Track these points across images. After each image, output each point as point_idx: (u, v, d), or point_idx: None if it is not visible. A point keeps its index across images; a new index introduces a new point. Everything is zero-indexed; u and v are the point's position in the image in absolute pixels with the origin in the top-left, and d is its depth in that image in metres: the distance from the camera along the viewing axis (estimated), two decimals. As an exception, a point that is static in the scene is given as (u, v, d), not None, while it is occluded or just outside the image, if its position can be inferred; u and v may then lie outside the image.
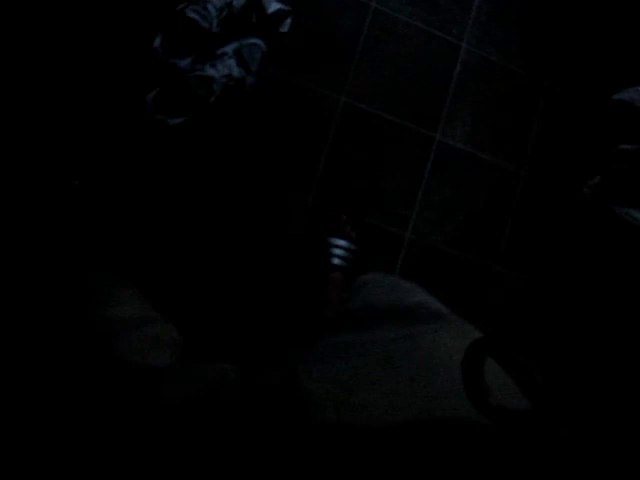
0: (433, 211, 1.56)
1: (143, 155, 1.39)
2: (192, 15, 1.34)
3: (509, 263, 1.60)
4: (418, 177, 1.57)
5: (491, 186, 1.60)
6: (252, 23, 1.48)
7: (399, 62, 1.57)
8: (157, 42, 1.37)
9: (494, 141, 1.62)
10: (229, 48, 1.42)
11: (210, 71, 1.37)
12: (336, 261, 1.45)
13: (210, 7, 1.37)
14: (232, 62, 1.41)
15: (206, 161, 1.44)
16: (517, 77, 1.64)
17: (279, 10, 1.48)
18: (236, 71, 1.40)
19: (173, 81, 1.36)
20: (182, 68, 1.37)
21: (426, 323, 0.68)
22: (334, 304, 1.36)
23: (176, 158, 1.41)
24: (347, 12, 1.54)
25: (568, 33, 1.68)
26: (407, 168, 1.57)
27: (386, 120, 1.54)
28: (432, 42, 1.59)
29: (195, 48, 1.39)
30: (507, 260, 1.59)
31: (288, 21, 1.50)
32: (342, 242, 1.46)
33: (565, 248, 1.63)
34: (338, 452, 0.46)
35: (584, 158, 1.68)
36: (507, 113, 1.63)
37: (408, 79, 1.57)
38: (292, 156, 1.49)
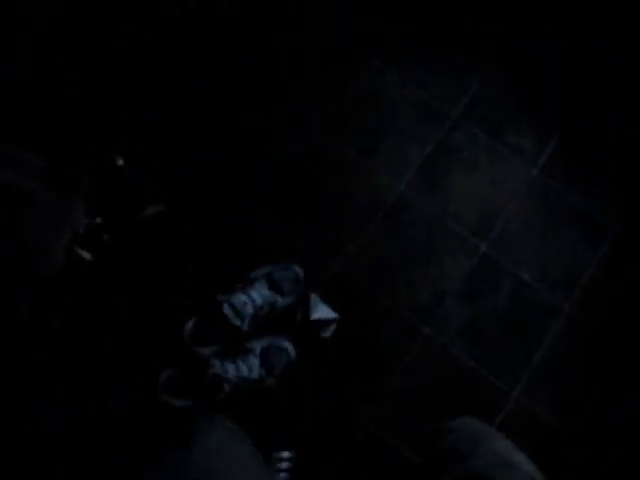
0: None
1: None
2: (226, 311, 1.32)
3: None
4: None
5: None
6: (295, 322, 1.43)
7: (435, 396, 1.42)
8: (190, 325, 1.36)
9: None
10: (258, 345, 1.38)
11: (229, 368, 1.32)
12: None
13: (249, 305, 1.34)
14: (256, 362, 1.36)
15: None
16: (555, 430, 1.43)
17: (326, 318, 1.42)
18: (256, 372, 1.35)
19: (190, 368, 1.32)
20: (202, 357, 1.34)
21: None
22: None
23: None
24: (396, 333, 1.45)
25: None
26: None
27: (402, 457, 1.39)
28: (480, 384, 1.44)
29: (222, 341, 1.35)
30: None
31: (332, 327, 1.44)
32: None
33: None
34: None
35: None
36: None
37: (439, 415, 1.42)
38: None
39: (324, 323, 1.43)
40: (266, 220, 1.48)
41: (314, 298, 1.45)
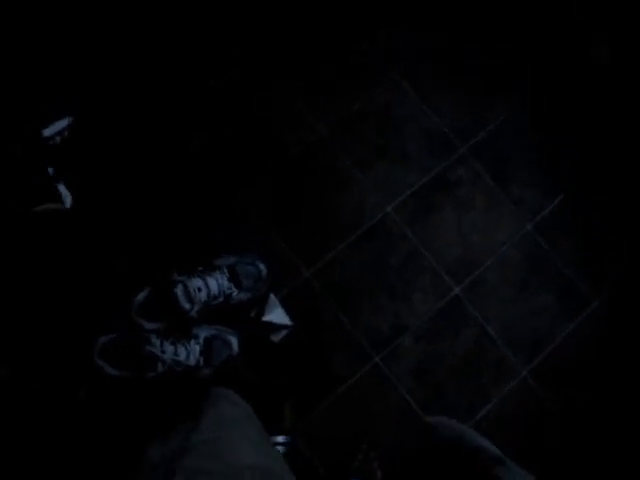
0: None
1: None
2: (178, 292, 1.29)
3: None
4: None
5: None
6: (247, 319, 1.40)
7: (365, 425, 1.38)
8: (141, 296, 1.33)
9: None
10: (203, 333, 1.35)
11: (168, 348, 1.30)
12: None
13: (203, 292, 1.31)
14: (197, 349, 1.33)
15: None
16: None
17: (278, 322, 1.39)
18: (194, 360, 1.32)
19: (130, 338, 1.30)
20: (144, 331, 1.31)
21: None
22: None
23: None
24: (346, 355, 1.41)
25: None
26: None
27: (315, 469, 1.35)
28: (417, 426, 1.39)
29: (168, 320, 1.33)
30: None
31: (283, 333, 1.41)
32: None
33: None
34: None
35: None
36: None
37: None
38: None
39: (276, 327, 1.40)
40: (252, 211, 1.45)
41: (273, 299, 1.42)
